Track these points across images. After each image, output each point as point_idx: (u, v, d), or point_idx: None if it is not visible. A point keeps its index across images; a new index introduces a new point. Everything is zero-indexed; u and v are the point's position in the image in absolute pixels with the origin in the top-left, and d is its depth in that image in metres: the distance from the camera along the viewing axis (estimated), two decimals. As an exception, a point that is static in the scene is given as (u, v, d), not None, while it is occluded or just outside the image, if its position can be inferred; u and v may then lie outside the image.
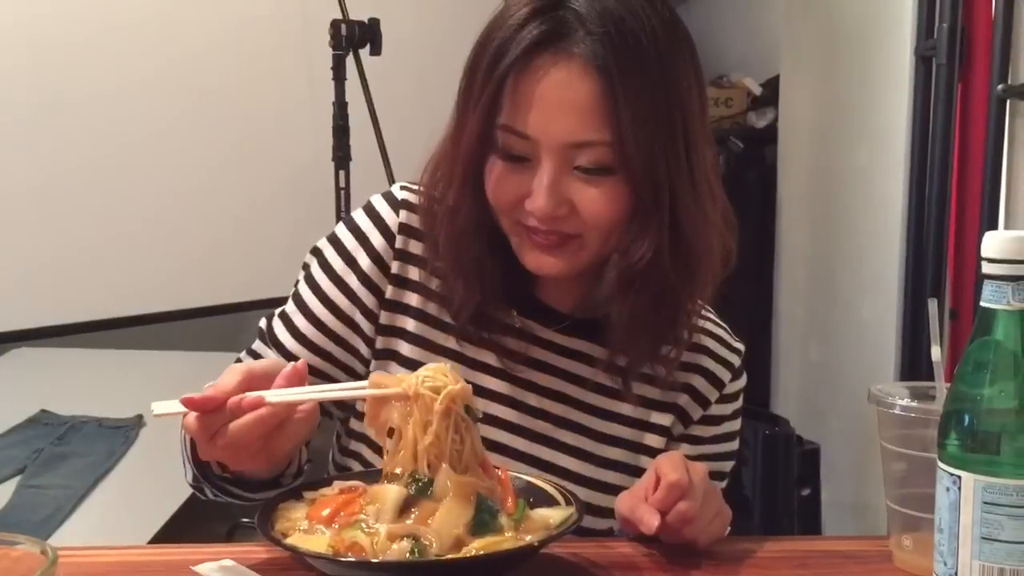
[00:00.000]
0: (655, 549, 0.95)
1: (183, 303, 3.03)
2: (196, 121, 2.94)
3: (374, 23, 2.78)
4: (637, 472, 1.10)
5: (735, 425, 1.18)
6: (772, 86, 3.63)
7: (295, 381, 0.89)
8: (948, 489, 0.78)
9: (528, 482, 0.97)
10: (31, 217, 2.65)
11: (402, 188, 1.13)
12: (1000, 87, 2.09)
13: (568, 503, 0.93)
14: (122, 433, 2.63)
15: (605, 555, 0.96)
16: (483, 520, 0.86)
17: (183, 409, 0.86)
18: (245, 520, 1.32)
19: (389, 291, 1.10)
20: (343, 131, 2.78)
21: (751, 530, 2.65)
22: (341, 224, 1.12)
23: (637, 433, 1.12)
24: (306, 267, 1.13)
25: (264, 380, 0.89)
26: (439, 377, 0.89)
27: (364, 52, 2.78)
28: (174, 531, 2.35)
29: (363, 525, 0.85)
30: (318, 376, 1.08)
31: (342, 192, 2.84)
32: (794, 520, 2.75)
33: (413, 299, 1.10)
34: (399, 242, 1.10)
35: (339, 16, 2.75)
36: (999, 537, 0.75)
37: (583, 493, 1.02)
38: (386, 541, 0.83)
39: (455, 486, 0.86)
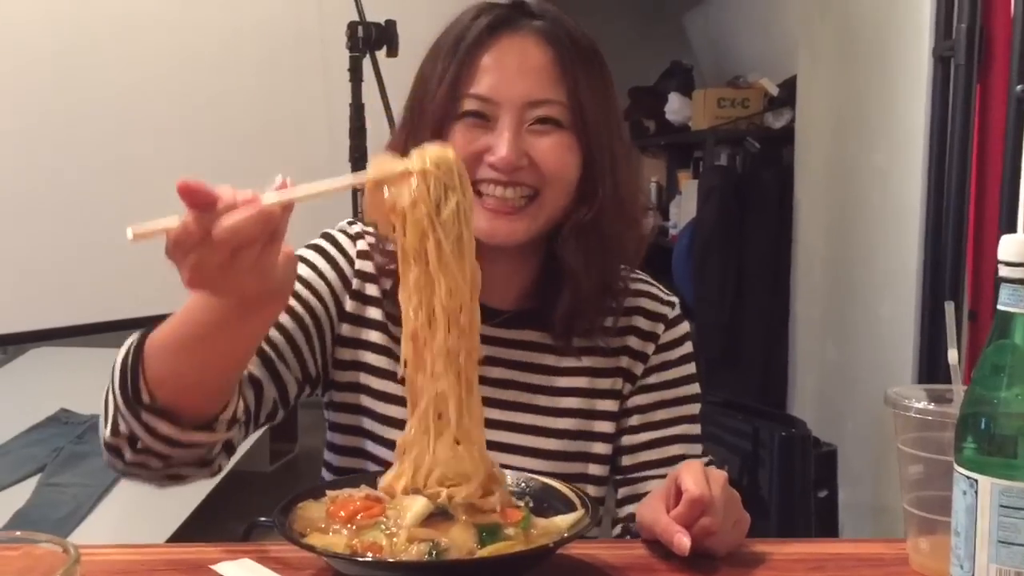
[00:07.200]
0: (670, 551, 0.95)
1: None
2: (212, 121, 2.95)
3: (391, 25, 2.79)
4: (593, 436, 1.20)
5: (687, 370, 1.24)
6: (789, 86, 3.62)
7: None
8: (965, 492, 0.78)
9: (544, 484, 0.98)
10: (51, 217, 2.66)
11: (350, 223, 1.22)
12: (1019, 87, 2.08)
13: (583, 505, 0.93)
14: (140, 432, 2.64)
15: (620, 557, 0.96)
16: (491, 531, 0.87)
17: (165, 225, 0.78)
18: (262, 519, 1.32)
19: (350, 304, 1.17)
20: (360, 132, 2.78)
21: (768, 532, 2.64)
22: (305, 247, 1.18)
23: (588, 401, 1.20)
24: None
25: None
26: (445, 158, 0.88)
27: (381, 53, 2.78)
28: (191, 530, 2.36)
29: (382, 527, 0.85)
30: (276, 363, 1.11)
31: (358, 193, 2.85)
32: (811, 522, 2.74)
33: (375, 312, 1.18)
34: (359, 264, 1.18)
35: (356, 18, 2.76)
36: (1016, 541, 0.75)
37: (543, 465, 1.15)
38: (405, 543, 0.83)
39: (467, 521, 0.88)
